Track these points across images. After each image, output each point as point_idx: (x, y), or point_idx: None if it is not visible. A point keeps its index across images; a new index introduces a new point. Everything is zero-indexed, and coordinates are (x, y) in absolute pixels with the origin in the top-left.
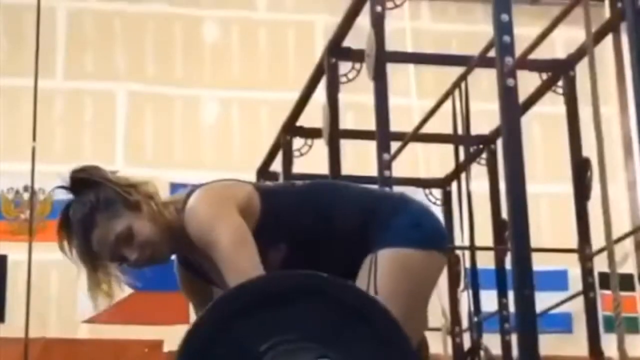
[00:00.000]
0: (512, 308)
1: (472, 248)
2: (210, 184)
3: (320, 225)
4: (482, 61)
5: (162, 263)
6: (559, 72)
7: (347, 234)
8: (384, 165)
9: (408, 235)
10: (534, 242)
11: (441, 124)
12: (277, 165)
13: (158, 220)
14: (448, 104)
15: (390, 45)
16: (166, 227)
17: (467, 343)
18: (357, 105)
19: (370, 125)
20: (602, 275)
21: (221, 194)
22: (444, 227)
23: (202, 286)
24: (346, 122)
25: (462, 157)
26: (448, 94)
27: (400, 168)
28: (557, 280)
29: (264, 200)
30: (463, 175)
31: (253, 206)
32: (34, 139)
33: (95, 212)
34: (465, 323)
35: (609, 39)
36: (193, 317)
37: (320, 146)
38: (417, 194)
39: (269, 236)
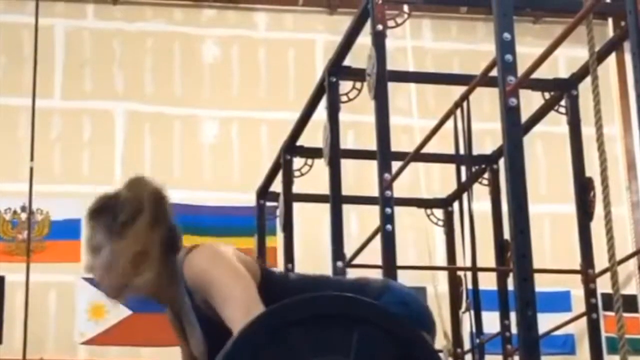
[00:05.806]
0: (514, 329)
1: (474, 269)
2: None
3: None
4: (484, 80)
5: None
6: (562, 91)
7: None
8: (385, 185)
9: (394, 312)
10: (537, 263)
11: (443, 143)
12: (277, 185)
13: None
14: (450, 124)
15: (392, 64)
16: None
17: None
18: (358, 124)
19: (371, 144)
20: (606, 297)
21: (221, 250)
22: (430, 310)
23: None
24: (347, 141)
25: (464, 177)
26: (450, 113)
27: (402, 188)
28: (560, 301)
29: (264, 277)
30: (465, 196)
31: (253, 271)
32: (32, 158)
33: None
34: (467, 344)
35: (612, 58)
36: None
37: (320, 166)
38: (418, 214)
39: None
